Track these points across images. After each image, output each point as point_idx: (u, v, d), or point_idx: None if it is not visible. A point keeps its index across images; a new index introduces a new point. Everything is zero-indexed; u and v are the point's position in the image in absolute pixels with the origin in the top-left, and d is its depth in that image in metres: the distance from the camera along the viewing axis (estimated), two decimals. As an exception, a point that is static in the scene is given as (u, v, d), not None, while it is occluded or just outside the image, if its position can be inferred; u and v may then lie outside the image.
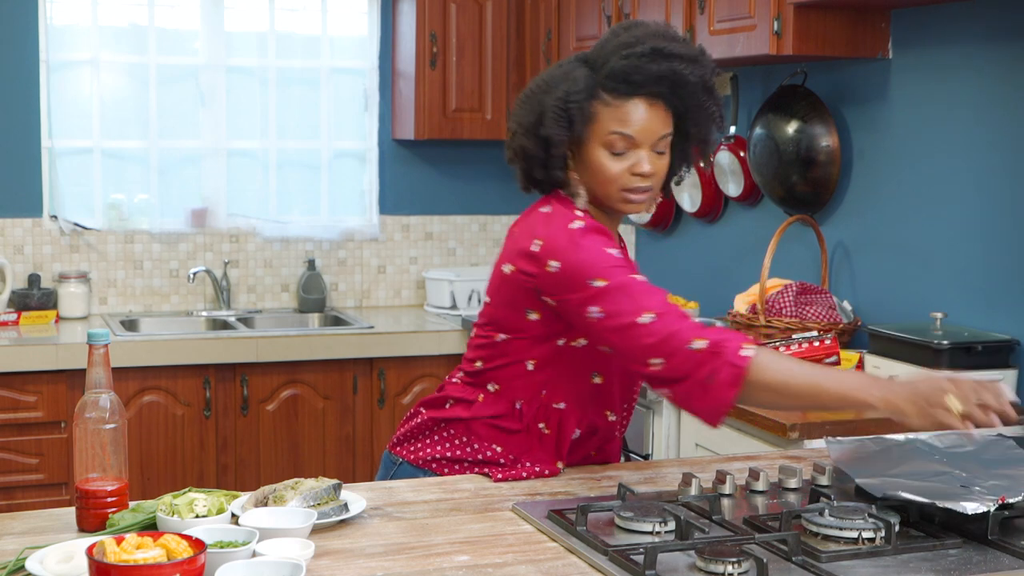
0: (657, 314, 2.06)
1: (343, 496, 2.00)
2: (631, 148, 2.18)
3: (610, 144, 2.18)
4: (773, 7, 3.31)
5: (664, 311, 2.06)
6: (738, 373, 2.00)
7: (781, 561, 1.78)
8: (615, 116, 2.17)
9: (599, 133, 2.18)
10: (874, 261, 3.55)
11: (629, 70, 2.15)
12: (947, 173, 3.28)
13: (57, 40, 4.61)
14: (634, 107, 2.17)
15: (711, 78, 2.19)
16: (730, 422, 3.12)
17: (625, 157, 2.19)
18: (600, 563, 1.78)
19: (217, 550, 1.69)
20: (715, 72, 2.21)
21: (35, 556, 1.70)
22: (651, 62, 2.15)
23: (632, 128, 2.17)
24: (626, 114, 2.17)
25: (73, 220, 4.65)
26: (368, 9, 5.01)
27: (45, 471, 4.11)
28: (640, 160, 2.18)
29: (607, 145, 2.18)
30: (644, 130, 2.17)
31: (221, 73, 4.80)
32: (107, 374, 1.90)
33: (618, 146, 2.18)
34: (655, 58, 2.15)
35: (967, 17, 3.20)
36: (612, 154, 2.19)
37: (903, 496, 1.91)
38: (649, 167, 2.19)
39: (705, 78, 2.18)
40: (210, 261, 4.86)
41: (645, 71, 2.15)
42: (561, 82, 2.21)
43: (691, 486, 2.09)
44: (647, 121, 2.17)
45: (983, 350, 3.03)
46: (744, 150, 3.92)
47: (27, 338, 4.23)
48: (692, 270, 4.37)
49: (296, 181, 4.97)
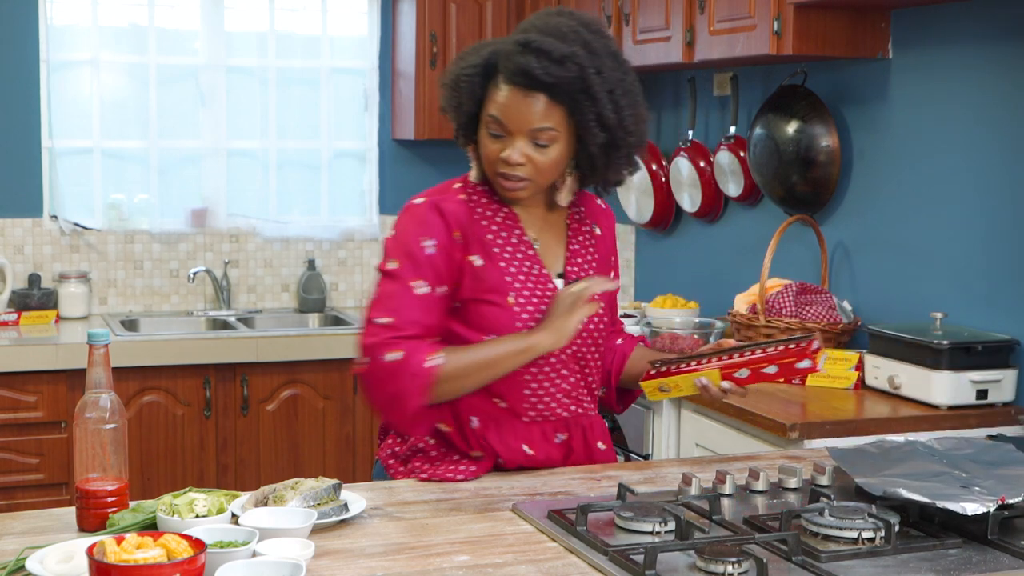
0: (390, 319, 2.15)
1: (343, 496, 2.00)
2: (506, 134, 2.21)
3: (488, 125, 2.23)
4: (773, 7, 3.31)
5: (396, 318, 2.15)
6: (426, 383, 2.13)
7: (781, 561, 1.78)
8: (494, 99, 2.21)
9: (485, 111, 2.23)
10: (874, 261, 3.55)
11: (505, 57, 2.19)
12: (947, 173, 3.28)
13: (57, 40, 4.61)
14: (509, 94, 2.19)
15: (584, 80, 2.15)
16: (730, 422, 3.12)
17: (502, 141, 2.22)
18: (600, 563, 1.78)
19: (217, 550, 1.69)
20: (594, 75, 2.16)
21: (35, 556, 1.70)
22: (518, 54, 2.17)
23: (502, 114, 2.20)
24: (501, 99, 2.20)
25: (73, 220, 4.65)
26: (368, 9, 5.01)
27: (45, 471, 4.12)
28: (511, 148, 2.20)
29: (486, 125, 2.23)
30: (514, 119, 2.19)
31: (221, 73, 4.80)
32: (107, 374, 1.90)
33: (493, 128, 2.22)
34: (522, 51, 2.17)
35: (967, 17, 3.20)
36: (490, 135, 2.22)
37: (903, 496, 1.91)
38: (517, 156, 2.20)
39: (566, 79, 2.15)
40: (210, 261, 4.86)
41: (513, 61, 2.17)
42: (472, 53, 2.26)
43: (691, 486, 2.09)
44: (518, 110, 2.18)
45: (983, 350, 3.03)
46: (744, 150, 3.92)
47: (27, 338, 4.23)
48: (692, 270, 4.37)
49: (296, 181, 4.97)
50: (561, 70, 2.15)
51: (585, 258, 2.36)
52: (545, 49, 2.15)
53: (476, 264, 2.23)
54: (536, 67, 2.14)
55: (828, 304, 3.48)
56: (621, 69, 2.24)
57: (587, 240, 2.38)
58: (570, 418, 2.32)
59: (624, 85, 2.23)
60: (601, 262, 2.39)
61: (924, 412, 3.01)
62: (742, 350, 2.20)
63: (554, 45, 2.15)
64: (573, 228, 2.37)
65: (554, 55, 2.15)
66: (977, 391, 3.02)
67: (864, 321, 3.47)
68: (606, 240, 2.43)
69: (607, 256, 2.43)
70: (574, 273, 2.32)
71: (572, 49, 2.16)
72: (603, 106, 2.18)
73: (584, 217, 2.40)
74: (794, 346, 2.14)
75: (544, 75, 2.14)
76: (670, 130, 4.44)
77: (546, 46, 2.15)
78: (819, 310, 3.46)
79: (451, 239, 2.22)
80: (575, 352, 2.29)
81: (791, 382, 2.40)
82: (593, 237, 2.40)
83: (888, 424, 2.95)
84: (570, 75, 2.15)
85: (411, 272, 2.18)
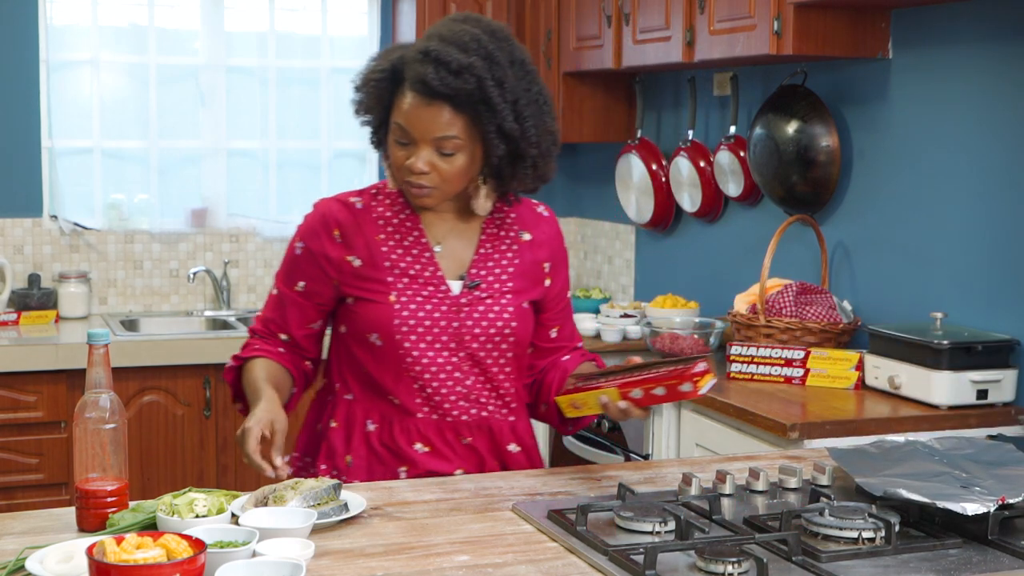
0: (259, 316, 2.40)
1: (343, 496, 2.00)
2: (411, 142, 2.21)
3: (394, 132, 2.23)
4: (773, 7, 3.31)
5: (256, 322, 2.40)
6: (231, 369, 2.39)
7: (781, 561, 1.78)
8: (399, 106, 2.21)
9: (392, 118, 2.23)
10: (874, 261, 3.55)
11: (408, 63, 2.18)
12: (947, 173, 3.28)
13: (57, 40, 4.61)
14: (413, 102, 2.19)
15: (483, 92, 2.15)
16: (730, 422, 3.12)
17: (407, 149, 2.22)
18: (600, 563, 1.78)
19: (217, 550, 1.69)
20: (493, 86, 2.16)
21: (35, 556, 1.70)
22: (418, 62, 2.16)
23: (406, 122, 2.20)
24: (405, 107, 2.20)
25: (73, 220, 4.65)
26: (368, 9, 5.01)
27: (45, 471, 4.11)
28: (415, 156, 2.21)
29: (393, 132, 2.23)
30: (417, 127, 2.19)
31: (221, 73, 4.80)
32: (107, 374, 1.90)
33: (399, 136, 2.22)
34: (422, 59, 2.16)
35: (967, 17, 3.20)
36: (397, 142, 2.23)
37: (903, 495, 1.91)
38: (421, 164, 2.21)
39: (463, 90, 2.14)
40: (210, 261, 4.86)
41: (414, 70, 2.17)
42: (382, 56, 2.27)
43: (691, 486, 2.09)
44: (421, 119, 2.18)
45: (983, 350, 3.03)
46: (744, 150, 3.92)
47: (27, 338, 4.22)
48: (692, 270, 4.37)
49: (296, 181, 4.96)
50: (458, 81, 2.14)
51: (499, 263, 2.34)
52: (443, 59, 2.14)
53: (355, 264, 2.28)
54: (434, 78, 2.14)
55: (828, 304, 3.48)
56: (526, 79, 2.23)
57: (506, 246, 2.36)
58: (471, 421, 2.31)
59: (529, 95, 2.22)
60: (523, 269, 2.36)
61: (924, 412, 3.01)
62: (642, 370, 2.17)
63: (453, 55, 2.14)
64: (489, 233, 2.35)
65: (452, 66, 2.14)
66: (977, 391, 3.02)
67: (864, 321, 3.47)
68: (537, 247, 2.39)
69: (535, 263, 2.38)
70: (477, 276, 2.31)
71: (470, 60, 2.15)
72: (504, 117, 2.18)
73: (511, 224, 2.38)
74: (682, 368, 2.09)
75: (441, 86, 2.14)
76: (670, 130, 4.44)
77: (444, 56, 2.14)
78: (819, 310, 3.46)
79: (330, 238, 2.29)
80: (469, 355, 2.29)
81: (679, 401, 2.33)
82: (517, 243, 2.37)
83: (888, 424, 2.95)
84: (468, 87, 2.15)
85: (280, 277, 2.37)
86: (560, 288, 2.44)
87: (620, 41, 4.06)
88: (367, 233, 2.29)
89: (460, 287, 2.30)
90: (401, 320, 2.25)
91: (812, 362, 3.29)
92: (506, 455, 2.35)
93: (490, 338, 2.29)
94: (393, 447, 2.30)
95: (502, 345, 2.31)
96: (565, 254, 2.46)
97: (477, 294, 2.30)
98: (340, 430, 2.33)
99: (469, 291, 2.29)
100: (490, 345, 2.30)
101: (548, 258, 2.41)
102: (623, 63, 4.07)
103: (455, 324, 2.28)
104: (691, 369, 2.07)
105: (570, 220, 5.19)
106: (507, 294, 2.32)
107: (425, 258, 2.29)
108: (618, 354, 3.87)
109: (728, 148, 3.99)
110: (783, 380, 3.32)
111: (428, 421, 2.29)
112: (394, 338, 2.25)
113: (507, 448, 2.35)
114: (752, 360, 3.36)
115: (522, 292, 2.34)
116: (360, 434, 2.31)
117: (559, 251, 2.44)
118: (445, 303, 2.28)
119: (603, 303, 4.40)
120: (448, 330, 2.27)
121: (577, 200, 5.14)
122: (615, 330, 3.97)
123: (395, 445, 2.29)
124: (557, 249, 2.43)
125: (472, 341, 2.28)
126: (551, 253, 2.41)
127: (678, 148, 4.24)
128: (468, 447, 2.31)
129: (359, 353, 2.30)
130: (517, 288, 2.34)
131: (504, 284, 2.33)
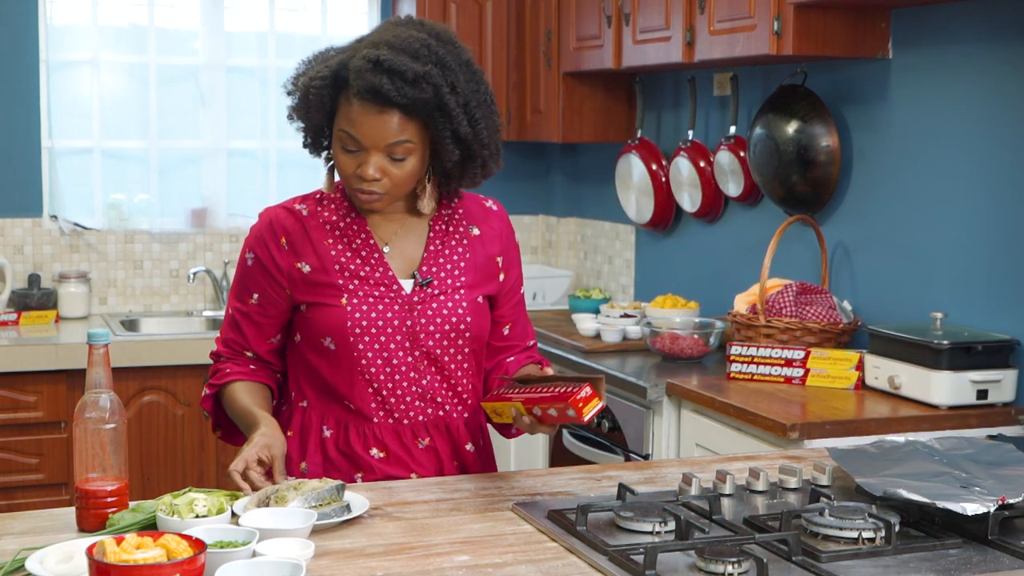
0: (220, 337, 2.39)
1: (346, 497, 2.00)
2: (360, 149, 2.19)
3: (341, 140, 2.20)
4: (773, 7, 3.31)
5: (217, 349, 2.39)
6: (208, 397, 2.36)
7: (781, 561, 1.78)
8: (346, 114, 2.18)
9: (337, 125, 2.21)
10: (874, 261, 3.55)
11: (357, 72, 2.15)
12: (947, 173, 3.28)
13: (57, 40, 4.61)
14: (363, 109, 2.16)
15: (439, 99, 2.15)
16: (730, 422, 3.12)
17: (356, 156, 2.20)
18: (600, 563, 1.78)
19: (217, 550, 1.69)
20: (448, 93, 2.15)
21: (35, 556, 1.70)
22: (370, 72, 2.13)
23: (355, 130, 2.18)
24: (353, 114, 2.17)
25: (73, 220, 4.65)
26: (368, 9, 5.01)
27: (45, 471, 4.12)
28: (365, 163, 2.19)
29: (339, 140, 2.21)
30: (368, 135, 2.17)
31: (221, 73, 4.80)
32: (107, 374, 1.90)
33: (348, 144, 2.20)
34: (374, 69, 2.13)
35: (967, 17, 3.20)
36: (344, 150, 2.21)
37: (903, 496, 1.91)
38: (373, 172, 2.19)
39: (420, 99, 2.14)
40: (210, 261, 4.86)
41: (364, 79, 2.14)
42: (324, 60, 2.23)
43: (691, 486, 2.09)
44: (372, 126, 2.16)
45: (983, 350, 3.03)
46: (744, 150, 3.92)
47: (27, 338, 4.23)
48: (692, 270, 4.37)
49: (296, 181, 4.95)
50: (415, 91, 2.13)
51: (451, 259, 2.33)
52: (398, 69, 2.12)
53: (304, 271, 2.28)
54: (389, 88, 2.12)
55: (828, 304, 3.48)
56: (475, 79, 2.23)
57: (456, 242, 2.35)
58: (428, 421, 2.31)
59: (478, 96, 2.22)
60: (475, 263, 2.36)
61: (924, 412, 3.01)
62: (545, 384, 2.13)
63: (407, 64, 2.13)
64: (436, 231, 2.35)
65: (407, 75, 2.12)
66: (977, 391, 3.02)
67: (864, 321, 3.47)
68: (488, 242, 2.39)
69: (487, 257, 2.38)
70: (428, 273, 2.31)
71: (426, 68, 2.14)
72: (459, 122, 2.18)
73: (459, 219, 2.37)
74: (567, 390, 2.04)
75: (398, 96, 2.13)
76: (670, 130, 4.44)
77: (398, 66, 2.12)
78: (819, 310, 3.46)
79: (278, 247, 2.29)
80: (425, 353, 2.28)
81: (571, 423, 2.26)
82: (467, 238, 2.36)
83: (888, 424, 2.95)
84: (425, 96, 2.14)
85: (233, 293, 2.36)
86: (513, 282, 2.43)
87: (620, 41, 4.06)
88: (315, 239, 2.28)
89: (412, 285, 2.29)
90: (354, 322, 2.24)
91: (812, 362, 3.29)
92: (464, 455, 2.35)
93: (445, 334, 2.29)
94: (349, 453, 2.29)
95: (458, 341, 2.30)
96: (517, 248, 2.46)
97: (429, 291, 2.29)
98: (295, 438, 2.32)
99: (421, 289, 2.29)
100: (446, 342, 2.29)
101: (500, 252, 2.40)
102: (623, 63, 4.07)
103: (408, 323, 2.27)
104: (576, 394, 2.00)
105: (570, 220, 5.19)
106: (460, 289, 2.32)
107: (375, 259, 2.28)
108: (618, 354, 3.88)
109: (728, 148, 3.99)
110: (783, 380, 3.32)
111: (384, 425, 2.28)
112: (348, 340, 2.24)
113: (465, 447, 2.34)
114: (752, 360, 3.36)
115: (475, 287, 2.34)
116: (316, 441, 2.30)
117: (511, 245, 2.43)
118: (398, 302, 2.27)
119: (603, 303, 4.40)
120: (402, 329, 2.27)
121: (577, 200, 5.14)
122: (615, 330, 3.97)
123: (351, 451, 2.29)
124: (508, 243, 2.43)
125: (428, 339, 2.28)
126: (503, 247, 2.41)
127: (678, 148, 4.24)
128: (425, 450, 2.30)
129: (314, 359, 2.29)
130: (470, 283, 2.33)
131: (456, 279, 2.32)
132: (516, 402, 2.13)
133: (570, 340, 4.01)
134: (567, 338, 4.04)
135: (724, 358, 3.43)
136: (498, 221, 2.42)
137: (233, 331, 2.35)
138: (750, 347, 3.36)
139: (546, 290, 4.95)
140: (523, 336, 2.47)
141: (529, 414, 2.10)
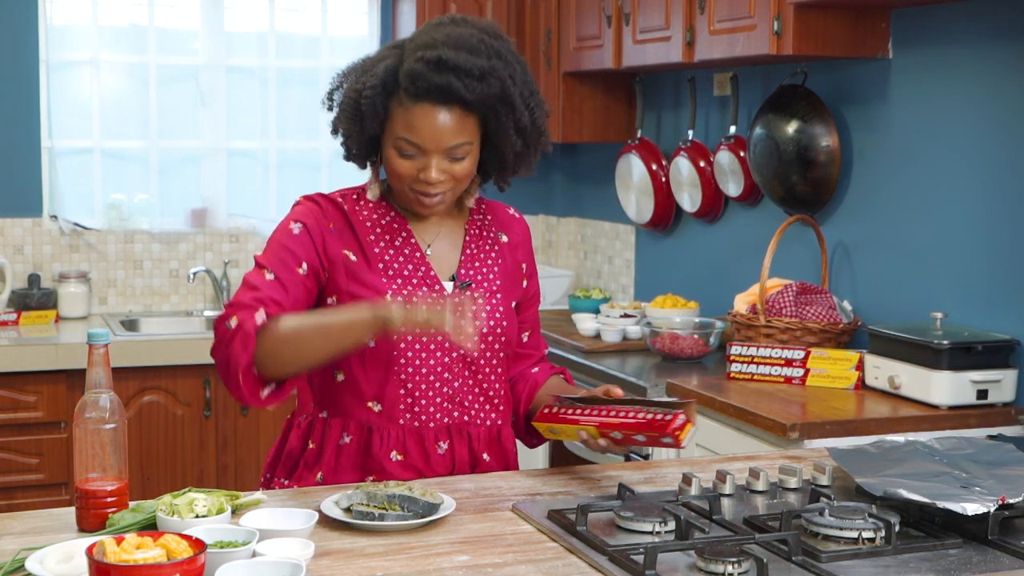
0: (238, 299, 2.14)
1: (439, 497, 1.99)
2: (420, 153, 2.18)
3: (399, 147, 2.19)
4: (773, 7, 3.31)
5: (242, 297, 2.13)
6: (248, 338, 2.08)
7: (781, 561, 1.78)
8: (404, 120, 2.17)
9: (391, 133, 2.20)
10: (874, 261, 3.55)
11: (416, 75, 2.14)
12: (947, 173, 3.28)
13: (57, 40, 4.61)
14: (422, 113, 2.16)
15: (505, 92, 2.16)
16: (730, 422, 3.12)
17: (414, 159, 2.19)
18: (600, 563, 1.78)
19: (217, 550, 1.69)
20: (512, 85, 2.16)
21: (35, 556, 1.70)
22: (433, 72, 2.13)
23: (417, 136, 2.17)
24: (413, 119, 2.16)
25: (73, 220, 4.65)
26: (368, 9, 5.01)
27: (45, 471, 4.12)
28: (427, 166, 2.19)
29: (396, 146, 2.20)
30: (430, 138, 2.16)
31: (221, 73, 4.80)
32: (107, 374, 1.90)
33: (407, 150, 2.19)
34: (438, 68, 2.12)
35: (967, 17, 3.20)
36: (402, 155, 2.20)
37: (903, 496, 1.91)
38: (436, 174, 2.19)
39: (489, 95, 2.14)
40: (210, 261, 4.86)
41: (427, 80, 2.13)
42: (367, 69, 2.22)
43: (691, 486, 2.09)
44: (434, 129, 2.16)
45: (983, 350, 3.03)
46: (744, 150, 3.92)
47: (27, 338, 4.23)
48: (692, 270, 4.37)
49: (296, 181, 4.96)
50: (484, 87, 2.14)
51: (485, 263, 2.34)
52: (464, 67, 2.12)
53: (351, 259, 2.24)
54: (458, 86, 2.12)
55: (828, 304, 3.48)
56: (524, 69, 2.24)
57: (488, 247, 2.36)
58: (452, 424, 2.28)
59: (531, 85, 2.24)
60: (505, 269, 2.37)
61: (924, 412, 3.01)
62: (622, 407, 2.14)
63: (472, 61, 2.13)
64: (472, 234, 2.35)
65: (474, 72, 2.12)
66: (977, 391, 3.02)
67: (864, 321, 3.47)
68: (515, 249, 2.40)
69: (515, 264, 2.39)
70: (467, 276, 2.31)
71: (490, 63, 2.15)
72: (520, 113, 2.19)
73: (489, 224, 2.39)
74: (661, 417, 2.06)
75: (467, 93, 2.13)
76: (670, 130, 4.44)
77: (464, 63, 2.12)
78: (819, 310, 3.46)
79: (326, 226, 2.25)
80: (463, 354, 2.26)
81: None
82: (498, 244, 2.38)
83: (888, 424, 2.95)
84: (493, 91, 2.15)
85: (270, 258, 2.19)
86: (534, 290, 2.45)
87: (620, 41, 4.06)
88: (359, 232, 2.27)
89: (452, 288, 2.30)
90: None
91: (812, 362, 3.29)
92: (480, 464, 2.32)
93: (483, 338, 2.28)
94: (365, 458, 2.26)
95: (495, 345, 2.30)
96: (534, 257, 2.48)
97: (469, 294, 2.29)
98: (316, 450, 2.29)
99: (461, 291, 2.29)
100: (483, 345, 2.28)
101: (524, 259, 2.43)
102: (623, 63, 4.07)
103: None
104: (671, 424, 2.04)
105: (570, 220, 5.19)
106: (496, 293, 2.33)
107: (416, 258, 2.28)
108: (618, 354, 3.88)
109: (728, 148, 3.99)
110: (783, 380, 3.32)
111: (408, 428, 2.25)
112: (391, 337, 2.22)
113: (482, 457, 2.31)
114: (752, 360, 3.36)
115: (507, 292, 2.35)
116: (333, 448, 2.28)
117: (530, 253, 2.46)
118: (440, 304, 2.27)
119: (603, 303, 4.40)
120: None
121: (577, 200, 5.14)
122: (615, 330, 3.97)
123: (368, 456, 2.25)
124: (529, 251, 2.45)
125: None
126: (526, 255, 2.44)
127: (678, 148, 4.24)
128: (443, 456, 2.28)
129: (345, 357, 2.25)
130: (503, 288, 2.34)
131: (492, 283, 2.33)
132: (588, 427, 2.13)
133: (570, 340, 4.01)
134: (567, 338, 4.04)
135: (724, 358, 3.43)
136: (521, 229, 2.44)
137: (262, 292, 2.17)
138: (750, 347, 3.36)
139: (546, 290, 4.94)
140: (538, 345, 2.49)
141: (606, 437, 2.11)
